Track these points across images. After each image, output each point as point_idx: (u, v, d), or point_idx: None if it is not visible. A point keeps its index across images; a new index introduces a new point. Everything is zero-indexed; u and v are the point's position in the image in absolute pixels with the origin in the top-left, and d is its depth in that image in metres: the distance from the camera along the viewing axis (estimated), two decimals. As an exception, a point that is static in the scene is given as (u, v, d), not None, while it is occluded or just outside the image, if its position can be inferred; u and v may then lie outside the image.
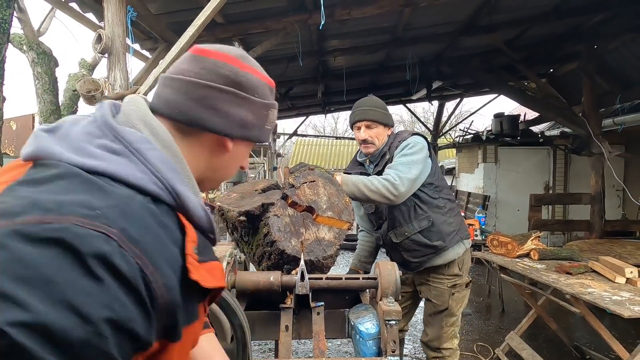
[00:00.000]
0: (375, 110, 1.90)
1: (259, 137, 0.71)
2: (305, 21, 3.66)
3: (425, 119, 20.59)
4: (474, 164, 7.35)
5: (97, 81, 2.40)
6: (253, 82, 0.67)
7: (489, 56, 5.64)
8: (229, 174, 0.75)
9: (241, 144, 0.71)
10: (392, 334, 1.22)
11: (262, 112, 0.70)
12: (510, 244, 3.01)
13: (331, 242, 1.42)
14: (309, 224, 1.43)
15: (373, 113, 1.88)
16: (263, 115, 0.70)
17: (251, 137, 0.70)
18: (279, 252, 1.38)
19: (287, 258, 1.38)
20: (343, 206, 1.50)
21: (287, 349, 1.33)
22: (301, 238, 1.39)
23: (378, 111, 1.90)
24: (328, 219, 1.45)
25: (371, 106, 1.91)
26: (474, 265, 6.13)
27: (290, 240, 1.38)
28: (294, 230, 1.40)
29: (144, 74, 3.37)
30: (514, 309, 4.26)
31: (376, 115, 1.89)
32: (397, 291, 1.32)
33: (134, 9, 2.72)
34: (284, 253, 1.37)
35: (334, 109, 9.94)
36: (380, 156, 1.90)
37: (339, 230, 1.45)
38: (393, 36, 4.86)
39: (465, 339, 3.49)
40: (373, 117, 1.87)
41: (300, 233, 1.40)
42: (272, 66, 5.42)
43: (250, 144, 0.73)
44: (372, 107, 1.91)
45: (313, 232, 1.42)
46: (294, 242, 1.39)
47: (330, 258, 1.41)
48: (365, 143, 1.88)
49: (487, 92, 8.18)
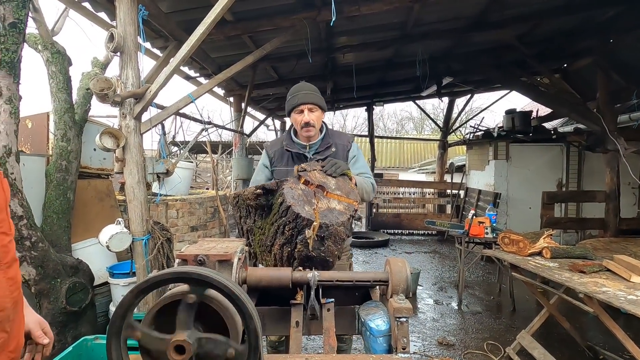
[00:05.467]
0: (315, 94, 1.94)
1: None
2: (314, 18, 3.66)
3: (435, 116, 20.43)
4: (485, 161, 7.26)
5: (110, 80, 2.43)
6: None
7: (500, 52, 5.55)
8: None
9: None
10: (403, 331, 1.21)
11: None
12: (522, 242, 2.97)
13: (342, 212, 1.45)
14: (321, 197, 1.49)
15: (315, 97, 1.92)
16: None
17: None
18: (293, 217, 1.39)
19: (302, 224, 1.38)
20: (349, 189, 1.56)
21: (297, 345, 1.34)
22: (314, 206, 1.43)
23: (318, 95, 1.95)
24: (337, 195, 1.51)
25: (312, 90, 1.95)
26: (484, 263, 6.09)
27: (304, 206, 1.42)
28: (306, 200, 1.45)
29: (155, 72, 3.41)
30: (525, 308, 4.21)
31: (317, 99, 1.93)
32: (408, 288, 1.32)
33: (145, 7, 2.75)
34: (298, 217, 1.38)
35: (343, 105, 9.91)
36: (325, 147, 1.93)
37: (348, 204, 1.50)
38: (402, 32, 4.82)
39: (476, 337, 3.46)
40: (315, 101, 1.91)
41: (312, 202, 1.45)
42: (281, 63, 5.44)
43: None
44: (313, 92, 1.94)
45: (324, 203, 1.47)
46: (307, 208, 1.42)
47: (342, 226, 1.41)
48: (308, 126, 1.89)
49: (499, 88, 8.07)
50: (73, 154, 3.23)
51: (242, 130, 6.65)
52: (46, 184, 3.13)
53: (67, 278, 2.69)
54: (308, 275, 1.35)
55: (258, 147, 11.61)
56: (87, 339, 1.99)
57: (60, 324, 2.64)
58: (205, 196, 5.01)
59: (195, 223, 4.68)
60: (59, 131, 3.19)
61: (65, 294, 2.63)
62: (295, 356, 1.22)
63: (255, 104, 7.80)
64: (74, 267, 2.80)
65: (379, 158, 16.01)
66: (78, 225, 3.31)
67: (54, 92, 3.18)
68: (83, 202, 3.42)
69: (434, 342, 3.37)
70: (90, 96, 3.50)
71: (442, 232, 8.42)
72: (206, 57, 4.78)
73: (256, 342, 0.83)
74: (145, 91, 2.58)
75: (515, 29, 4.82)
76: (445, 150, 9.67)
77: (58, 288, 2.62)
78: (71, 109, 3.26)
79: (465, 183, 8.16)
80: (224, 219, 5.17)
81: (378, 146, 15.23)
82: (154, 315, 0.88)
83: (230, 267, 1.26)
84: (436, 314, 4.07)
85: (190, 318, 0.83)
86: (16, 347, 0.96)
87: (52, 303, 2.59)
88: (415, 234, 9.05)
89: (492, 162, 6.93)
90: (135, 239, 2.72)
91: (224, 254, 1.24)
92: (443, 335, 3.52)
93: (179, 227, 4.48)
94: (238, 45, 4.48)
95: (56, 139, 3.20)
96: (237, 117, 6.48)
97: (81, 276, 2.82)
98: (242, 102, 6.37)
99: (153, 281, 0.82)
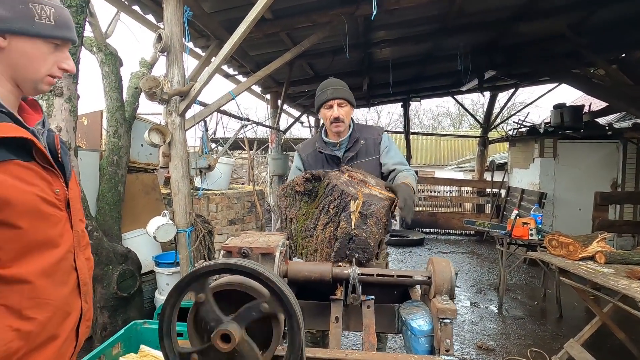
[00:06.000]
0: (345, 89, 1.94)
1: (27, 29, 0.84)
2: (352, 13, 3.62)
3: (474, 112, 19.60)
4: (529, 159, 6.88)
5: (158, 78, 2.56)
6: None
7: (549, 42, 5.21)
8: (32, 73, 0.89)
9: (20, 41, 0.85)
10: (447, 333, 1.18)
11: (17, 6, 0.83)
12: (572, 245, 2.79)
13: (382, 199, 1.54)
14: (363, 185, 1.60)
15: (344, 92, 1.92)
16: (20, 10, 0.83)
17: (15, 30, 0.83)
18: (338, 193, 1.49)
19: (346, 200, 1.46)
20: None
21: (337, 340, 1.34)
22: (357, 189, 1.53)
23: (347, 90, 1.95)
24: (379, 189, 1.60)
25: (341, 85, 1.94)
26: (527, 265, 5.79)
27: (349, 187, 1.52)
28: (350, 184, 1.57)
29: (198, 70, 3.54)
30: (572, 315, 3.96)
31: (346, 94, 1.92)
32: (452, 289, 1.28)
33: (189, 8, 2.86)
34: (343, 194, 1.48)
35: (378, 102, 9.77)
36: (353, 142, 1.94)
37: (387, 196, 1.57)
38: (442, 25, 4.66)
39: (518, 343, 3.31)
40: (344, 96, 1.90)
41: (356, 187, 1.56)
42: (317, 60, 5.45)
43: (38, 40, 0.87)
44: (342, 87, 1.94)
45: (367, 189, 1.57)
46: (352, 189, 1.52)
47: (383, 208, 1.48)
48: (337, 121, 1.89)
49: (546, 81, 7.59)
50: (123, 149, 3.44)
51: (278, 127, 6.76)
52: (100, 177, 3.36)
53: (118, 265, 2.88)
54: (348, 270, 1.35)
55: (292, 144, 11.76)
56: (137, 322, 2.12)
57: (112, 308, 2.83)
58: (242, 191, 5.15)
59: (233, 217, 4.83)
60: (111, 128, 3.40)
61: (117, 280, 2.81)
62: (336, 351, 1.22)
63: (291, 100, 7.88)
64: (124, 255, 2.99)
65: (414, 155, 15.64)
66: (127, 216, 3.52)
67: (107, 91, 3.39)
68: (131, 195, 3.63)
69: (473, 346, 3.26)
70: (139, 95, 3.70)
71: (480, 233, 8.10)
72: (245, 55, 4.89)
73: (299, 338, 0.84)
74: (190, 89, 2.68)
75: (567, 17, 4.50)
76: (485, 147, 9.27)
77: (110, 274, 2.80)
78: (122, 107, 3.47)
79: (507, 182, 7.78)
80: (260, 214, 5.29)
81: (413, 143, 14.83)
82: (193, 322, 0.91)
83: (272, 260, 1.28)
84: (475, 317, 3.93)
85: (216, 312, 0.85)
86: (91, 317, 1.10)
87: (105, 288, 2.78)
88: (452, 233, 8.77)
89: (537, 160, 6.55)
90: (180, 230, 2.85)
91: (267, 247, 1.27)
92: (482, 339, 3.39)
93: (218, 220, 4.64)
94: (275, 42, 4.54)
95: (108, 135, 3.42)
96: (273, 114, 6.58)
97: (130, 264, 3.00)
98: (278, 99, 6.46)
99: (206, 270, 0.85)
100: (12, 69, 0.88)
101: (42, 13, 0.86)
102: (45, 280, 0.90)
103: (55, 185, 0.94)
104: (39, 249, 0.89)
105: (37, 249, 0.89)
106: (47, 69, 0.91)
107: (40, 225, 0.89)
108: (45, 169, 0.92)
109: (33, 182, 0.87)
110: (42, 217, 0.89)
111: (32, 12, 0.85)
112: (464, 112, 13.33)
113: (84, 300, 1.04)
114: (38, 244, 0.89)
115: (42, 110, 1.02)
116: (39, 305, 0.89)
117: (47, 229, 0.91)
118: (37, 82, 0.92)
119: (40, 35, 0.87)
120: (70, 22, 0.93)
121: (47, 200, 0.90)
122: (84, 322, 1.05)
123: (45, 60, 0.90)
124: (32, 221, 0.87)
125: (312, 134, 9.87)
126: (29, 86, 0.92)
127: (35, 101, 1.01)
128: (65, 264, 0.97)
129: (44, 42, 0.88)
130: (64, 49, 0.94)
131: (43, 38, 0.88)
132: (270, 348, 0.89)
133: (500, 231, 4.18)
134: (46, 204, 0.90)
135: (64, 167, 1.00)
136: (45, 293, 0.90)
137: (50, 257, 0.92)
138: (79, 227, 1.03)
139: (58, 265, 0.94)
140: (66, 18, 0.92)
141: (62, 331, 0.96)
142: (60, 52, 0.93)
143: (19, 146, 0.85)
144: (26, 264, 0.87)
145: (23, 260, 0.86)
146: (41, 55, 0.89)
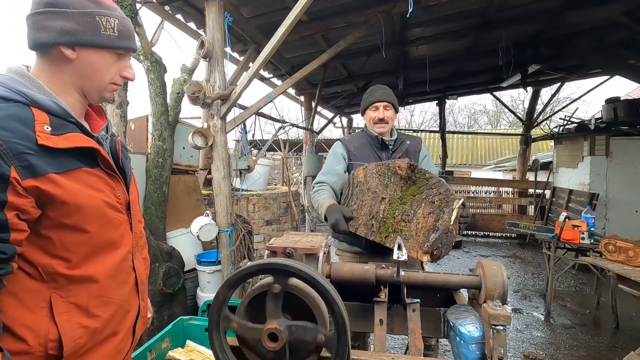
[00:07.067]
0: (391, 94, 2.09)
1: (94, 41, 0.89)
2: (388, 11, 3.57)
3: (513, 108, 18.65)
4: (578, 157, 6.44)
5: (200, 83, 2.65)
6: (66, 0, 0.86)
7: (602, 31, 4.86)
8: (98, 82, 0.94)
9: (87, 52, 0.90)
10: (500, 340, 1.13)
11: (85, 20, 0.87)
12: (632, 250, 2.58)
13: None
14: None
15: (391, 96, 2.08)
16: (87, 22, 0.88)
17: (84, 42, 0.88)
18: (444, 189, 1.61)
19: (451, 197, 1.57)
20: None
21: (382, 343, 1.32)
22: None
23: (394, 96, 2.10)
24: None
25: (388, 91, 2.10)
26: (577, 271, 5.42)
27: None
28: None
29: (237, 74, 3.64)
30: (631, 326, 3.66)
31: (393, 98, 2.08)
32: (505, 294, 1.22)
33: (229, 14, 2.94)
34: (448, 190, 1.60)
35: (412, 100, 9.57)
36: (399, 143, 2.08)
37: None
38: (483, 19, 4.48)
39: (569, 354, 3.10)
40: (390, 99, 2.06)
41: None
42: (352, 60, 5.43)
43: (103, 51, 0.91)
44: (389, 92, 2.10)
45: None
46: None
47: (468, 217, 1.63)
48: (382, 122, 2.03)
49: (597, 74, 7.08)
50: (167, 152, 3.61)
51: (312, 128, 6.80)
52: (146, 179, 3.54)
53: (163, 263, 3.01)
54: (393, 272, 1.33)
55: (324, 145, 11.80)
56: (183, 319, 2.20)
57: (158, 304, 2.97)
58: (278, 192, 5.22)
59: (269, 217, 4.92)
60: (156, 132, 3.57)
61: (162, 277, 2.95)
62: (382, 354, 1.20)
63: (325, 102, 7.91)
64: (168, 253, 3.13)
65: (450, 154, 15.15)
66: (170, 216, 3.68)
67: (152, 97, 3.57)
68: (174, 196, 3.79)
69: (519, 355, 3.10)
70: (181, 99, 3.86)
71: (522, 236, 7.69)
72: (281, 58, 4.97)
73: (343, 325, 0.84)
74: (231, 93, 2.76)
75: (622, 3, 4.17)
76: (528, 145, 8.80)
77: (157, 271, 2.94)
78: (166, 112, 3.63)
79: (552, 182, 7.34)
80: (296, 214, 5.35)
81: (448, 142, 14.39)
82: (246, 306, 0.93)
83: (316, 261, 1.29)
84: (520, 324, 3.73)
85: (278, 308, 0.86)
86: (147, 314, 1.16)
87: (152, 284, 2.93)
88: (492, 236, 8.40)
89: (587, 158, 6.12)
90: (221, 230, 2.94)
91: (311, 248, 1.28)
92: (529, 348, 3.21)
93: (255, 220, 4.74)
94: (310, 44, 4.58)
95: (154, 138, 3.60)
96: (307, 116, 6.63)
97: (174, 262, 3.14)
98: (312, 101, 6.50)
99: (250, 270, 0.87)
100: (80, 79, 0.92)
101: (107, 25, 0.90)
102: (109, 280, 0.96)
103: (117, 190, 0.99)
104: (104, 251, 0.95)
105: (103, 250, 0.94)
106: (111, 77, 0.96)
107: (105, 228, 0.94)
108: (108, 174, 0.97)
109: (99, 187, 0.93)
110: (107, 220, 0.95)
111: (99, 25, 0.89)
112: (502, 109, 12.75)
113: (141, 298, 1.09)
114: (103, 246, 0.95)
115: (106, 115, 1.08)
116: (104, 303, 0.95)
117: (111, 231, 0.96)
118: (102, 90, 0.96)
119: (106, 46, 0.91)
120: (132, 32, 0.98)
121: (111, 205, 0.96)
122: (140, 319, 1.10)
123: (110, 70, 0.94)
124: (98, 225, 0.92)
125: (345, 135, 9.84)
126: (94, 95, 0.97)
127: (100, 107, 1.07)
128: (126, 264, 1.03)
129: (108, 53, 0.93)
130: (125, 58, 0.98)
131: (108, 49, 0.92)
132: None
133: (547, 234, 3.95)
134: (110, 208, 0.95)
135: (125, 171, 1.05)
136: (109, 292, 0.96)
137: (114, 258, 0.97)
138: (137, 228, 1.08)
139: (120, 266, 0.99)
140: (128, 28, 0.96)
141: (122, 328, 1.01)
142: (123, 60, 0.97)
143: (85, 154, 0.90)
144: (93, 265, 0.92)
145: (90, 262, 0.92)
146: (106, 65, 0.93)
